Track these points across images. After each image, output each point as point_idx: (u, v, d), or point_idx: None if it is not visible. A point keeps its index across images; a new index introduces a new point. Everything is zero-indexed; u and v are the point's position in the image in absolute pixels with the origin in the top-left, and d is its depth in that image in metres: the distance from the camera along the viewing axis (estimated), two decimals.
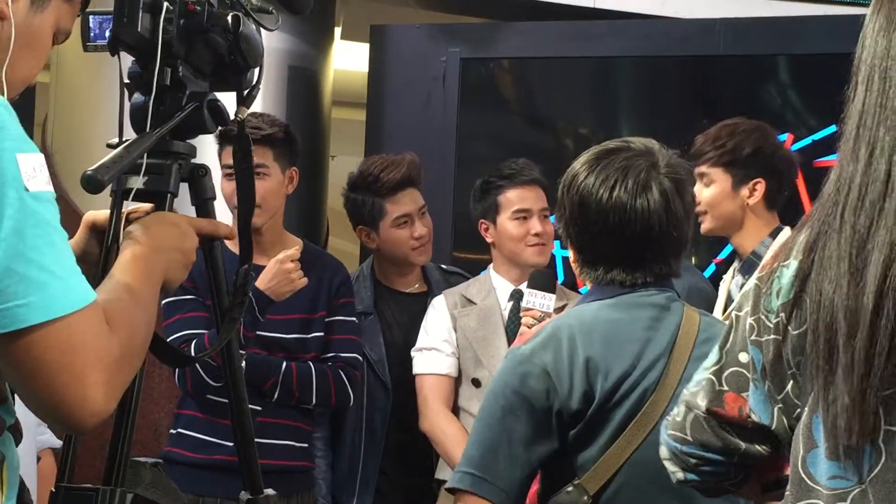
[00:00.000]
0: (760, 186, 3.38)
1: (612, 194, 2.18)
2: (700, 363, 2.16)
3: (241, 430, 2.02)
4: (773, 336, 1.55)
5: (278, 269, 3.31)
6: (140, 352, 1.60)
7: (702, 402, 1.70)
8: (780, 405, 1.59)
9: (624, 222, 2.17)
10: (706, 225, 3.44)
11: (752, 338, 1.59)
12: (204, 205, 1.95)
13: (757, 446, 1.68)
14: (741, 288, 3.36)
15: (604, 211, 2.18)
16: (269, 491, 2.04)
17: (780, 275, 1.54)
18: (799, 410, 1.56)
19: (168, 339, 3.21)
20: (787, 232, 3.38)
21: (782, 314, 1.53)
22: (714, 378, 1.69)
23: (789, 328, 1.52)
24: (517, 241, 3.64)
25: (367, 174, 3.76)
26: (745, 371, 1.64)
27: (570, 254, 2.31)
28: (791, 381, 1.56)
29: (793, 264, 1.52)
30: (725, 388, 1.67)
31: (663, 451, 1.80)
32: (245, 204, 2.00)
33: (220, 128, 1.96)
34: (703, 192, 3.40)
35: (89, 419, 1.49)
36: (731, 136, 3.40)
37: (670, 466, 1.79)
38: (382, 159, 3.82)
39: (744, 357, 1.63)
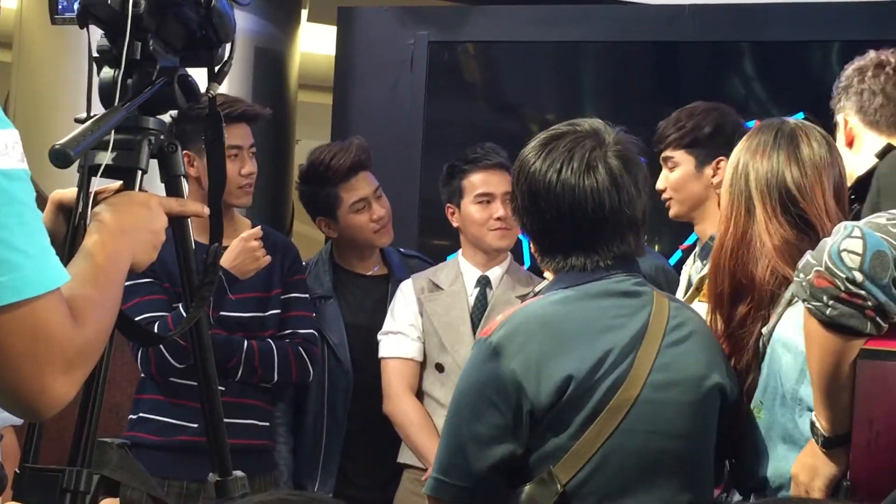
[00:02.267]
0: (724, 164, 3.39)
1: (560, 177, 2.17)
2: (672, 349, 2.17)
3: (211, 411, 2.00)
4: None
5: (243, 247, 3.33)
6: (103, 340, 1.58)
7: None
8: None
9: (574, 204, 2.17)
10: (673, 210, 3.46)
11: None
12: (174, 181, 1.93)
13: None
14: (700, 273, 3.36)
15: (553, 195, 2.18)
16: (238, 473, 2.02)
17: None
18: None
19: None
20: None
21: None
22: None
23: None
24: (479, 224, 3.64)
25: (317, 164, 3.75)
26: None
27: (530, 244, 2.30)
28: None
29: None
30: None
31: (850, 244, 1.88)
32: (216, 182, 1.98)
33: (190, 104, 1.93)
34: (669, 177, 3.43)
35: (47, 409, 1.47)
36: (690, 117, 3.43)
37: (843, 267, 1.83)
38: (329, 147, 3.82)
39: None
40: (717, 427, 2.24)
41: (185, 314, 2.26)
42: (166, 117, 1.96)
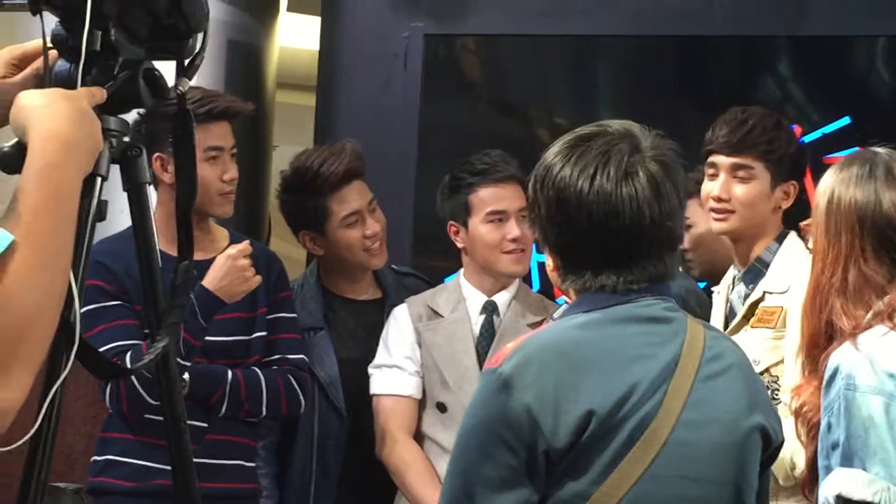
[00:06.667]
0: (794, 189, 3.40)
1: (594, 184, 2.15)
2: (708, 384, 2.15)
3: (180, 453, 1.99)
4: None
5: (231, 266, 3.25)
6: (51, 319, 1.45)
7: None
8: None
9: (610, 215, 2.14)
10: (730, 224, 3.37)
11: None
12: (138, 190, 1.92)
13: None
14: (745, 299, 3.34)
15: (586, 204, 2.15)
16: None
17: None
18: None
19: None
20: (793, 237, 3.37)
21: None
22: None
23: None
24: (492, 247, 3.60)
25: (304, 171, 3.71)
26: None
27: (548, 260, 2.28)
28: None
29: None
30: None
31: None
32: (186, 190, 1.97)
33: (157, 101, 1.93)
34: (737, 189, 3.35)
35: None
36: (778, 129, 3.40)
37: None
38: (318, 152, 3.78)
39: None
40: (759, 474, 2.21)
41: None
42: (130, 117, 1.95)
